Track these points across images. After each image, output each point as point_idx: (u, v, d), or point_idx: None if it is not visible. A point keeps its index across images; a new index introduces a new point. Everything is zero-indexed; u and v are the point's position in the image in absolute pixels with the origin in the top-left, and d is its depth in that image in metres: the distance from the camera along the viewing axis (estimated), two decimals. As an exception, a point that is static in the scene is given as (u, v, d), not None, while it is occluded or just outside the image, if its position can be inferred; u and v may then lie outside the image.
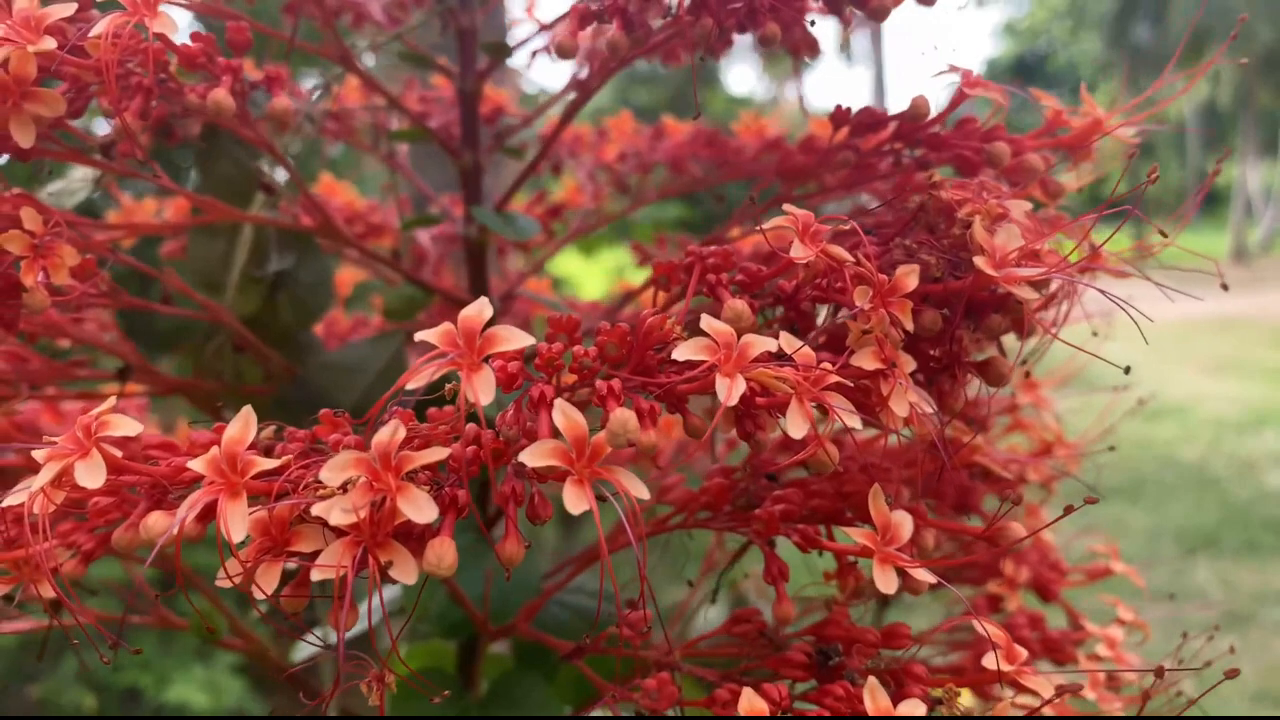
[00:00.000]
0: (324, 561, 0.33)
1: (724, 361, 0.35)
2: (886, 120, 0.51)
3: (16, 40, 0.40)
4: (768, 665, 0.43)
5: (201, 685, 2.11)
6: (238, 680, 2.18)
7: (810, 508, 0.45)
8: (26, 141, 0.43)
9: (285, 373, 0.63)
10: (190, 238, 0.68)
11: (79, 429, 0.36)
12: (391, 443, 0.33)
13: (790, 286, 0.42)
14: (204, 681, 2.13)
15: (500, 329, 0.33)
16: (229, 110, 0.43)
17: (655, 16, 0.44)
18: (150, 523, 0.34)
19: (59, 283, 0.45)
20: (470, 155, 0.66)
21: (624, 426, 0.33)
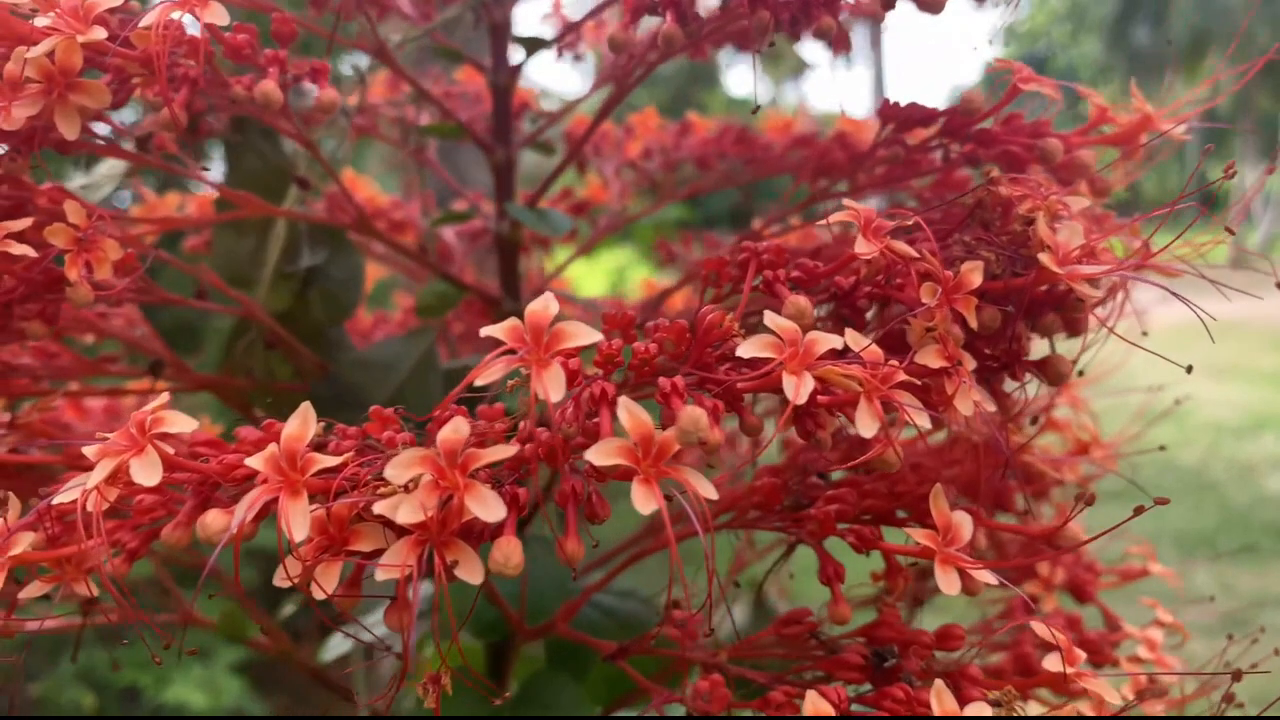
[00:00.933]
0: (388, 560, 0.32)
1: (790, 359, 0.35)
2: (935, 115, 0.50)
3: (65, 30, 0.40)
4: (821, 667, 0.43)
5: (200, 685, 2.10)
6: (237, 680, 2.18)
7: (863, 507, 0.44)
8: (72, 133, 0.42)
9: (317, 369, 0.62)
10: (216, 233, 0.67)
11: (132, 425, 0.36)
12: (458, 440, 0.32)
13: (848, 283, 0.41)
14: (203, 681, 2.12)
15: (569, 324, 0.33)
16: (277, 102, 0.42)
17: (707, 9, 0.43)
18: (208, 521, 0.34)
19: (101, 277, 0.44)
20: (503, 151, 0.65)
21: (696, 424, 0.32)
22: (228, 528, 0.34)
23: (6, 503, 0.41)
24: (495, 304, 0.67)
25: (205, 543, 0.34)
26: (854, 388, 0.35)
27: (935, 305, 0.37)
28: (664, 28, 0.42)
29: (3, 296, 0.43)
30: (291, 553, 0.33)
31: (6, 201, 0.47)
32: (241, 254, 0.65)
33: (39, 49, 0.39)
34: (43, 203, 0.48)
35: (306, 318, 0.63)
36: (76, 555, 0.43)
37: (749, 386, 0.36)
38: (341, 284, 0.64)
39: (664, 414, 0.35)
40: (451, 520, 0.32)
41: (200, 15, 0.39)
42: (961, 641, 0.45)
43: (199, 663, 2.13)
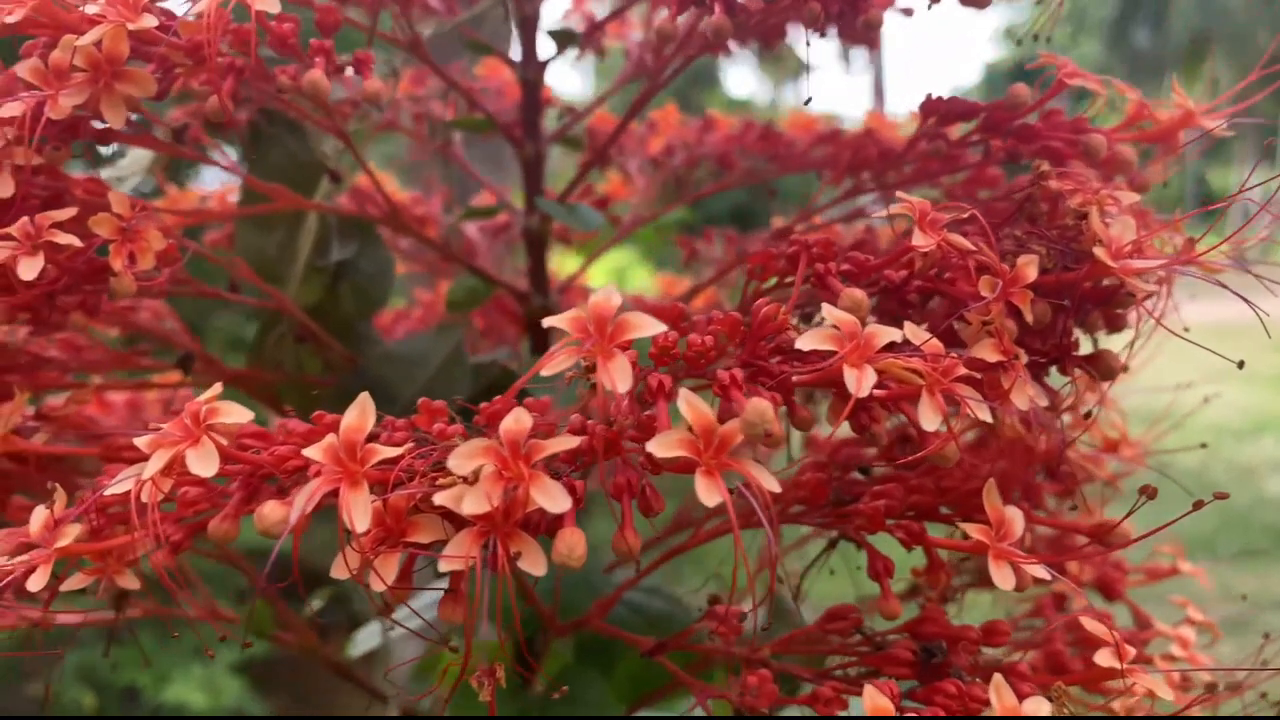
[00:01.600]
0: (452, 551, 0.32)
1: (850, 352, 0.35)
2: (977, 110, 0.50)
3: (115, 18, 0.39)
4: (869, 663, 0.43)
5: (200, 684, 2.10)
6: (236, 680, 2.18)
7: (909, 503, 0.44)
8: (118, 122, 0.42)
9: (346, 363, 0.62)
10: (240, 226, 0.67)
11: (187, 416, 0.35)
12: (520, 430, 0.32)
13: (899, 277, 0.41)
14: (203, 680, 2.12)
15: (633, 315, 0.33)
16: (325, 92, 0.42)
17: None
18: (266, 512, 0.33)
19: (144, 268, 0.44)
20: (532, 145, 0.65)
21: (761, 417, 0.32)
22: (286, 519, 0.33)
23: (54, 495, 0.40)
24: (524, 299, 0.67)
25: (263, 534, 0.34)
26: (916, 381, 0.34)
27: (993, 299, 0.37)
28: (714, 19, 0.42)
29: (45, 286, 0.43)
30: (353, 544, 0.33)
31: (45, 192, 0.47)
32: (268, 248, 0.65)
33: (90, 36, 0.39)
34: (79, 193, 0.48)
35: (336, 312, 0.62)
36: (120, 548, 0.43)
37: (807, 379, 0.36)
38: (371, 278, 0.63)
39: (722, 406, 0.35)
40: (514, 512, 0.32)
41: (251, 4, 0.39)
42: (1007, 637, 0.45)
43: (199, 662, 2.13)
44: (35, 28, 0.43)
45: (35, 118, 0.41)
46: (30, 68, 0.42)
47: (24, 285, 0.41)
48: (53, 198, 0.47)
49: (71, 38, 0.40)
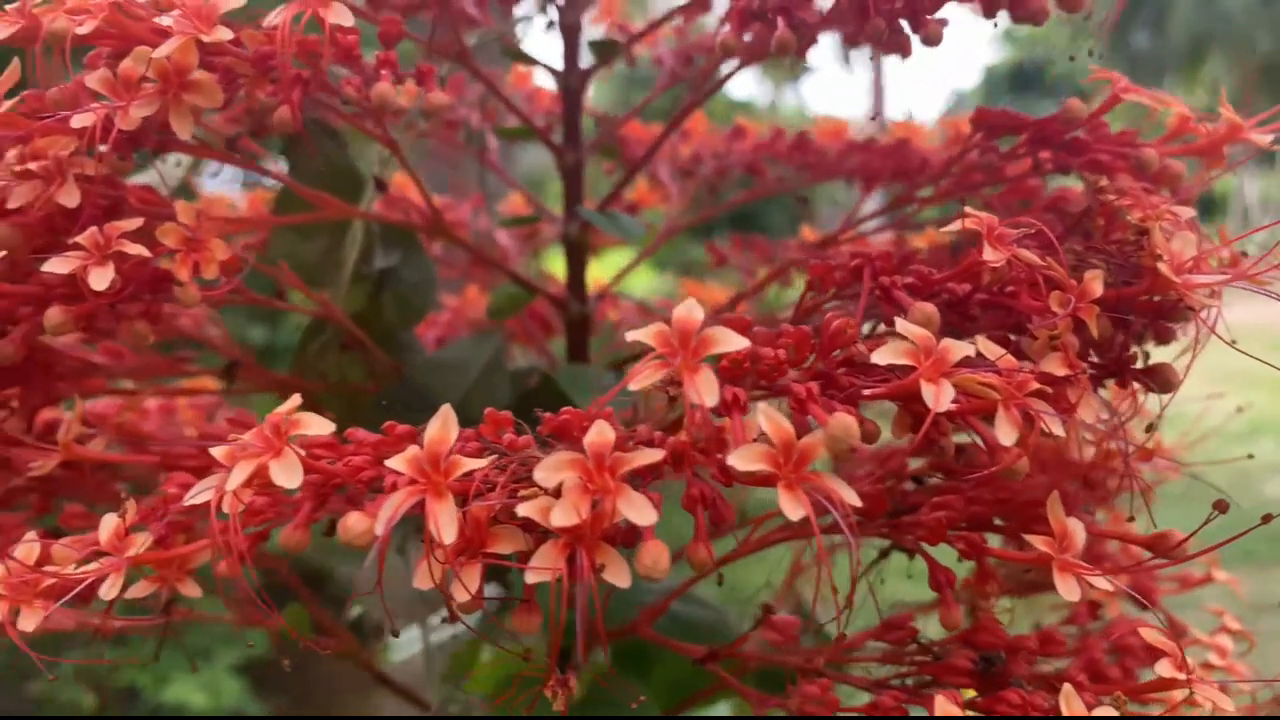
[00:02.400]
0: (538, 563, 0.32)
1: (927, 366, 0.35)
2: (1027, 123, 0.50)
3: (187, 30, 0.40)
4: (928, 672, 0.43)
5: (200, 685, 2.10)
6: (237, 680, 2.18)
7: (968, 514, 0.44)
8: (185, 132, 0.42)
9: (391, 372, 0.62)
10: (278, 233, 0.67)
11: (268, 427, 0.36)
12: (605, 443, 0.33)
13: (962, 290, 0.41)
14: (203, 681, 2.12)
15: (717, 330, 0.33)
16: (393, 104, 0.42)
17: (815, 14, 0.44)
18: (351, 524, 0.34)
19: (209, 277, 0.44)
20: (573, 154, 0.66)
21: (847, 432, 0.32)
22: (370, 530, 0.34)
23: (124, 504, 0.41)
24: (562, 306, 0.67)
25: (347, 545, 0.34)
26: (992, 396, 0.35)
27: (1064, 314, 0.37)
28: (780, 35, 0.43)
29: (109, 296, 0.43)
30: (439, 555, 0.33)
31: (104, 201, 0.47)
32: (308, 256, 0.65)
33: (165, 48, 0.39)
34: (134, 202, 0.49)
35: (379, 320, 0.63)
36: (183, 556, 0.43)
37: (880, 394, 0.37)
38: (414, 286, 0.64)
39: (795, 420, 0.35)
40: (598, 524, 0.32)
41: (324, 16, 0.39)
42: (1064, 647, 0.46)
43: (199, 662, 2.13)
44: (101, 39, 0.43)
45: (106, 128, 0.41)
46: (100, 78, 0.42)
47: (93, 294, 0.41)
48: (111, 206, 0.47)
49: (146, 49, 0.41)
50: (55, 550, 0.43)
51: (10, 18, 0.42)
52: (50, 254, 0.46)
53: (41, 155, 0.45)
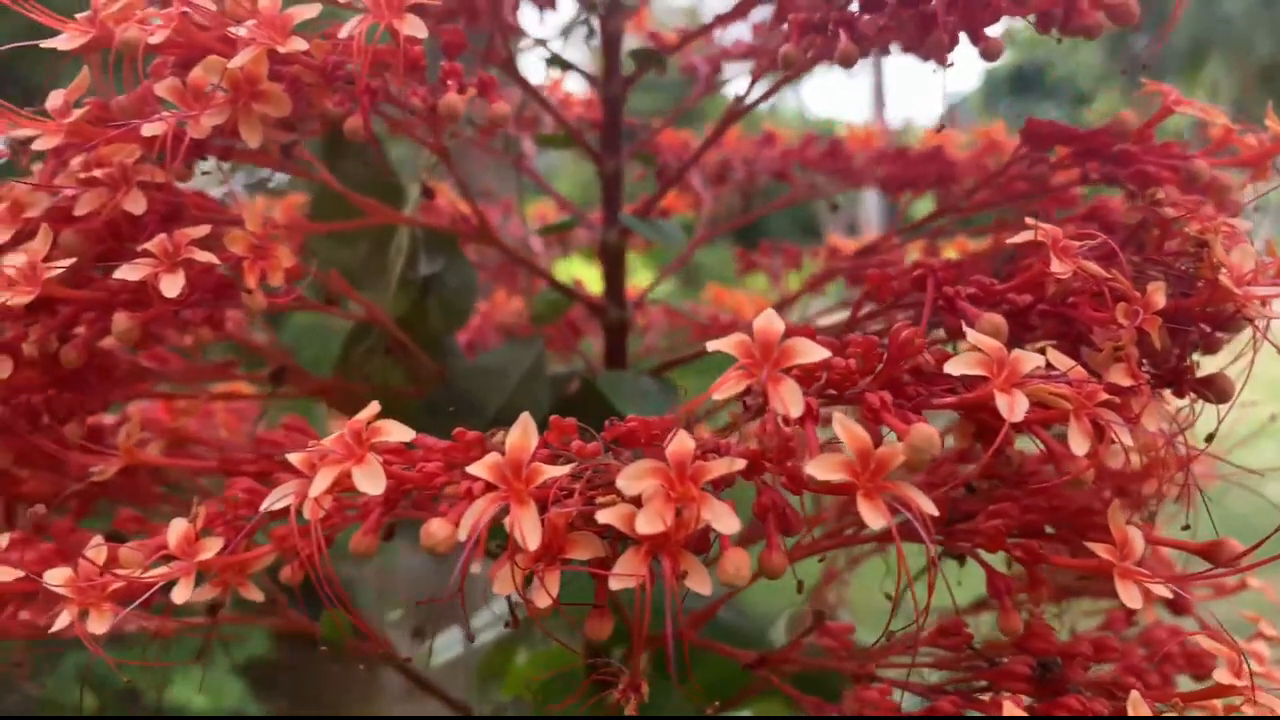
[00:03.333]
0: (622, 570, 0.33)
1: (999, 377, 0.35)
2: (1078, 135, 0.51)
3: (263, 41, 0.40)
4: (985, 678, 0.43)
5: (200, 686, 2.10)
6: (237, 682, 2.18)
7: (1023, 522, 0.45)
8: (254, 141, 0.43)
9: (435, 376, 0.62)
10: (316, 239, 0.68)
11: (349, 434, 0.36)
12: (686, 452, 0.33)
13: (1023, 301, 0.42)
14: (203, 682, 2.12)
15: (799, 341, 0.33)
16: (459, 114, 0.43)
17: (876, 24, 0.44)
18: (434, 529, 0.34)
19: (275, 284, 0.44)
20: (613, 161, 0.66)
21: (929, 442, 0.33)
22: (452, 536, 0.34)
23: (194, 508, 0.41)
24: (600, 312, 0.67)
25: (429, 551, 0.34)
26: (1065, 406, 0.35)
27: (1130, 326, 0.38)
28: (843, 46, 0.43)
29: (174, 303, 0.43)
30: (520, 561, 0.33)
31: (164, 207, 0.47)
32: (348, 261, 0.65)
33: (241, 58, 0.40)
34: (193, 208, 0.49)
35: (423, 325, 0.63)
36: (246, 561, 0.43)
37: (950, 404, 0.37)
38: (457, 291, 0.64)
39: (869, 430, 0.36)
40: (680, 531, 0.33)
41: (399, 28, 0.40)
42: (1117, 653, 0.46)
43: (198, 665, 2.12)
44: (169, 48, 0.44)
45: (177, 137, 0.41)
46: (169, 86, 0.43)
47: (163, 301, 0.42)
48: (171, 213, 0.48)
49: (218, 59, 0.41)
50: (123, 553, 0.43)
51: (81, 27, 0.43)
52: (110, 261, 0.47)
53: (106, 163, 0.45)
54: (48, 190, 0.46)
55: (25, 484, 0.55)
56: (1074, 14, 0.46)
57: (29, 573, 0.43)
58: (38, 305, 0.46)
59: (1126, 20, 0.48)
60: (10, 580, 0.43)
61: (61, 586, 0.41)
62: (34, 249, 0.43)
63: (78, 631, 0.41)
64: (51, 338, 0.45)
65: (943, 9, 0.41)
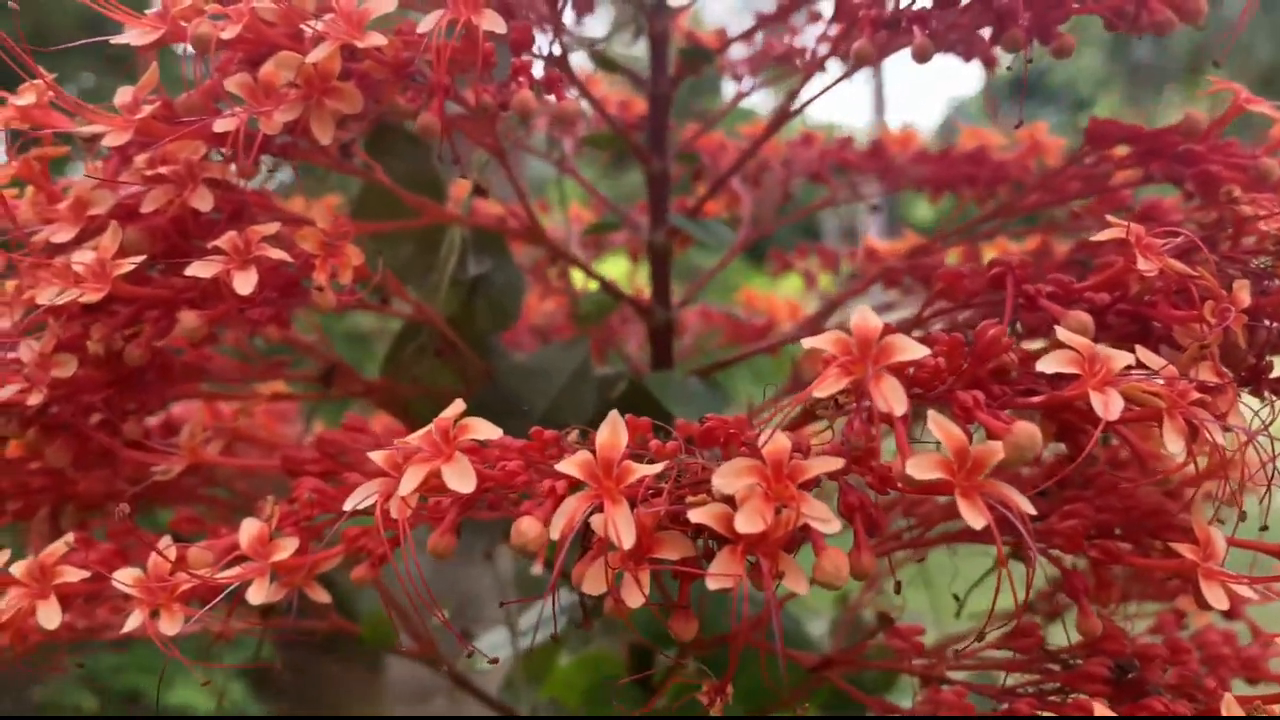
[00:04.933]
0: (718, 570, 0.32)
1: (1092, 375, 0.35)
2: (1142, 134, 0.51)
3: (339, 36, 0.40)
4: (1062, 680, 0.43)
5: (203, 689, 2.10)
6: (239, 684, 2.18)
7: (1096, 522, 0.44)
8: (325, 138, 0.43)
9: (483, 377, 0.62)
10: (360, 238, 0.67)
11: (436, 432, 0.36)
12: (783, 450, 0.33)
13: (1102, 299, 0.41)
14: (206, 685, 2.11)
15: (899, 338, 0.33)
16: (532, 111, 0.43)
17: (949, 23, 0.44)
18: (524, 528, 0.34)
19: (344, 282, 0.44)
20: (659, 161, 0.66)
21: (1031, 441, 0.32)
22: (542, 535, 0.34)
23: (269, 508, 0.41)
24: (647, 313, 0.67)
25: (519, 550, 0.34)
26: (1159, 404, 0.35)
27: (1218, 325, 0.38)
28: (919, 42, 0.43)
29: (242, 301, 0.43)
30: (613, 560, 0.33)
31: (228, 206, 0.47)
32: (393, 261, 0.65)
33: (318, 53, 0.39)
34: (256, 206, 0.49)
35: (471, 325, 0.63)
36: (315, 562, 0.43)
37: (1038, 402, 0.37)
38: (504, 292, 0.64)
39: (961, 429, 0.36)
40: (776, 532, 0.32)
41: (478, 24, 0.39)
42: (1192, 655, 0.46)
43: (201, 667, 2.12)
44: (237, 44, 0.44)
45: (250, 134, 0.41)
46: (239, 83, 0.42)
47: (235, 299, 0.42)
48: (235, 211, 0.47)
49: (293, 55, 0.41)
50: (192, 554, 0.43)
51: (152, 23, 0.43)
52: (170, 259, 0.47)
53: (172, 160, 0.45)
54: (111, 187, 0.46)
55: (78, 484, 0.55)
56: (1145, 10, 0.45)
57: (98, 572, 0.43)
58: (98, 303, 0.45)
59: (1194, 18, 0.48)
60: (78, 580, 0.43)
61: (131, 587, 0.41)
62: (103, 245, 0.43)
63: (149, 632, 0.41)
64: (117, 336, 0.45)
65: (1020, 5, 0.41)
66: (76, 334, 0.47)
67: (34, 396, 0.45)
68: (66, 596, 0.44)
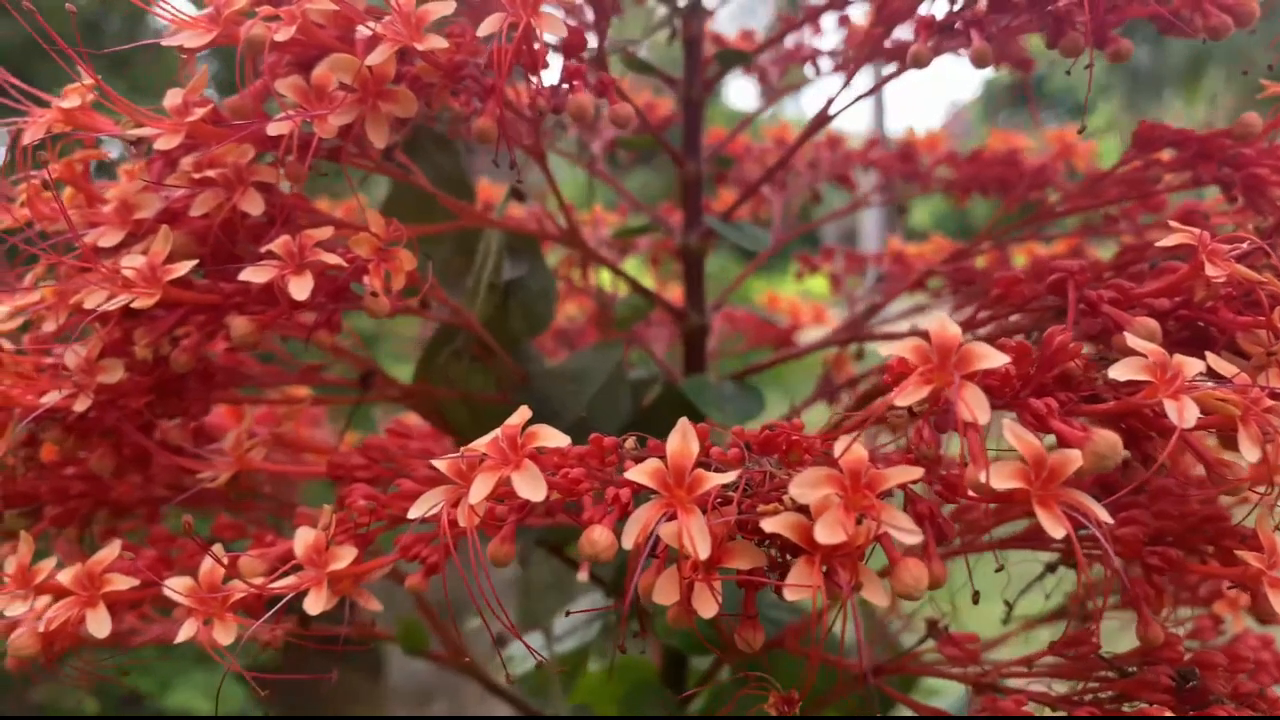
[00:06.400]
0: (795, 580, 0.32)
1: (1164, 382, 0.35)
2: (1193, 137, 0.50)
3: (397, 38, 0.39)
4: (1123, 689, 0.43)
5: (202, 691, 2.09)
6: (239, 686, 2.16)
7: (1156, 530, 0.44)
8: (380, 141, 0.42)
9: (519, 381, 0.62)
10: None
11: (504, 439, 0.35)
12: (861, 460, 0.32)
13: (1162, 305, 0.41)
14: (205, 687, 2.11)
15: (978, 345, 0.33)
16: (589, 115, 0.42)
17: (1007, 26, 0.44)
18: (596, 537, 0.33)
19: (397, 287, 0.44)
20: (693, 164, 0.65)
21: (1113, 449, 0.32)
22: (613, 544, 0.33)
23: (326, 515, 0.40)
24: (680, 316, 0.67)
25: (591, 559, 0.34)
26: (1232, 412, 0.35)
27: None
28: (977, 46, 0.43)
29: (298, 306, 0.43)
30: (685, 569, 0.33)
31: (274, 210, 0.47)
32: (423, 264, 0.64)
33: (376, 55, 0.39)
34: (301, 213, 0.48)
35: (505, 329, 0.62)
36: (366, 570, 0.42)
37: (1106, 409, 0.37)
38: (538, 296, 0.63)
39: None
40: (855, 542, 0.32)
41: (539, 27, 0.39)
42: (1249, 664, 0.45)
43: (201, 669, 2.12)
44: (288, 46, 0.43)
45: (305, 138, 0.41)
46: (292, 85, 0.42)
47: (290, 304, 0.41)
48: (278, 215, 0.47)
49: (349, 58, 0.40)
50: (243, 563, 0.42)
51: (204, 25, 0.42)
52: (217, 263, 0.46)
53: (220, 163, 0.44)
54: (156, 190, 0.45)
55: (114, 490, 0.54)
56: (1200, 14, 0.45)
57: (150, 579, 0.42)
58: (143, 308, 0.45)
59: (1246, 21, 0.47)
60: (127, 589, 0.43)
61: (184, 596, 0.41)
62: (155, 250, 0.42)
63: (203, 642, 0.40)
64: (164, 341, 0.44)
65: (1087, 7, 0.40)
66: (117, 339, 0.46)
67: (81, 402, 0.44)
68: (114, 604, 0.43)
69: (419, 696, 2.10)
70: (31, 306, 0.47)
